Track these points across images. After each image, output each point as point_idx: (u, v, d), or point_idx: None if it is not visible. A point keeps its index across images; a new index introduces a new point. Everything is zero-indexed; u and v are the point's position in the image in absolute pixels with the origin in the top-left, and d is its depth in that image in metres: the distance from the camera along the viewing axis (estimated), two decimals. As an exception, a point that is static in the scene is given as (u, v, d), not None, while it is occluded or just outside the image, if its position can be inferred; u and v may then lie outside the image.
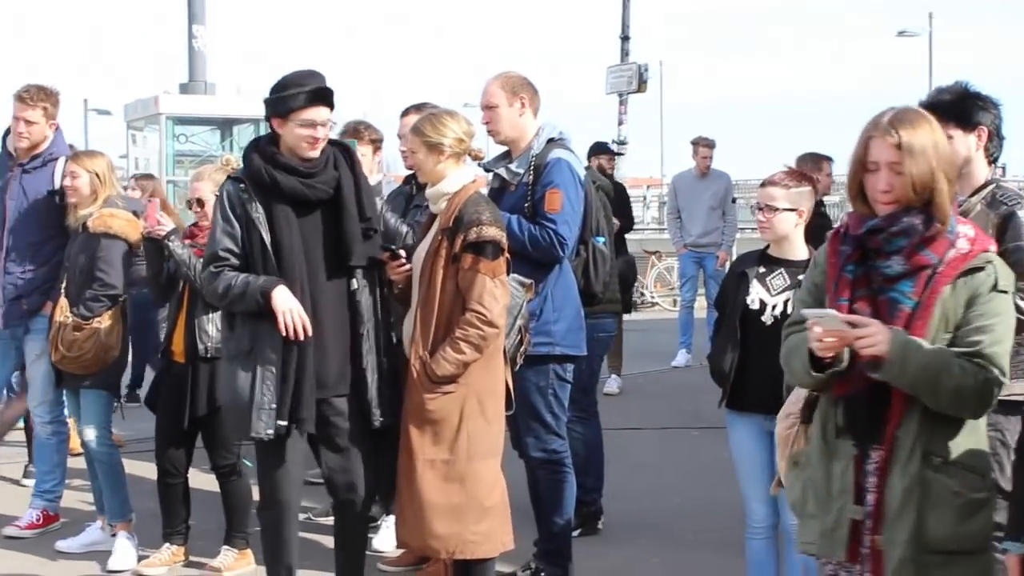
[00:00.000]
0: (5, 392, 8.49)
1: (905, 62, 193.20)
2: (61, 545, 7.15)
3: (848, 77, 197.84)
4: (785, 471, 4.14)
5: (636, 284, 22.47)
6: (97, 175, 6.99)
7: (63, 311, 6.85)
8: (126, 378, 8.20)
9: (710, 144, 13.81)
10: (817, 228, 5.54)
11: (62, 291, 6.95)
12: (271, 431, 5.30)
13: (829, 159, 9.22)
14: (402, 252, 5.41)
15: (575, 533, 6.83)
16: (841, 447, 3.83)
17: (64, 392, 7.22)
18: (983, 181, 4.84)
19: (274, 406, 5.29)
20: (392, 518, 6.57)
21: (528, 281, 5.70)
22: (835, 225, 4.19)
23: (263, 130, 23.87)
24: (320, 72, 5.48)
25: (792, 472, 4.05)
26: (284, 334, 5.23)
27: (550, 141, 6.18)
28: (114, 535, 7.00)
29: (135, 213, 7.00)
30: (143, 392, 9.47)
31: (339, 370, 5.44)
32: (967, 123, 4.79)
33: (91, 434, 6.98)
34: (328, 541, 6.08)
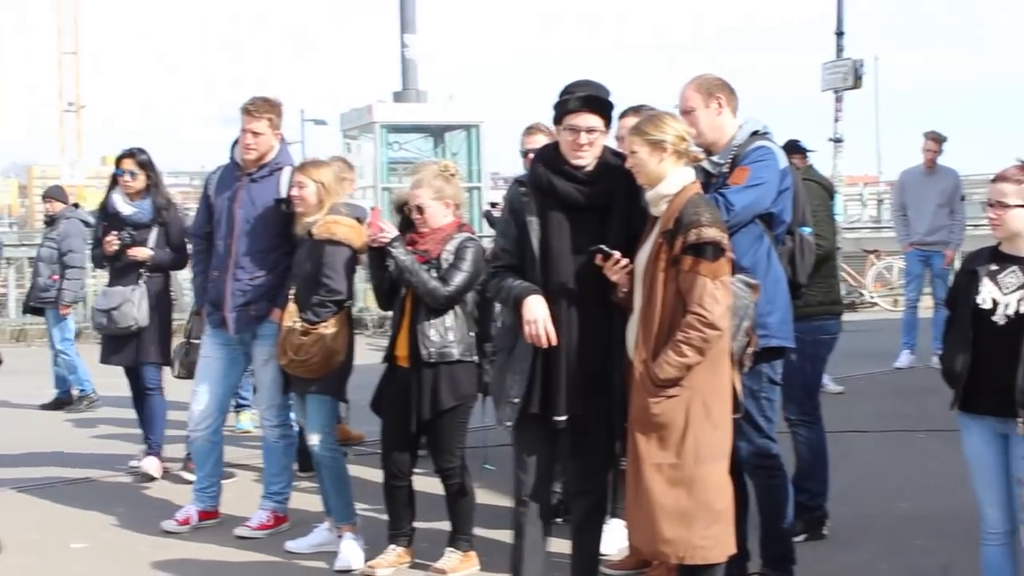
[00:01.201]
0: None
1: None
2: (290, 545, 7.30)
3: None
4: None
5: (855, 284, 22.15)
6: (323, 184, 7.13)
7: (291, 316, 7.01)
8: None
9: (937, 138, 13.41)
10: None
11: (290, 297, 7.11)
12: (510, 423, 5.54)
13: None
14: (615, 252, 5.38)
15: (801, 538, 6.72)
16: None
17: (291, 396, 7.37)
18: None
19: (516, 400, 5.50)
20: (615, 521, 6.58)
21: (755, 281, 5.60)
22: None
23: (475, 137, 24.42)
24: (596, 81, 5.64)
25: None
26: (527, 342, 5.42)
27: (753, 134, 6.09)
28: (340, 536, 7.11)
29: (359, 219, 7.12)
30: None
31: (594, 372, 5.52)
32: None
33: (317, 438, 7.11)
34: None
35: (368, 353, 8.68)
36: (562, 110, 5.58)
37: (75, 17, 72.33)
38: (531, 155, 6.59)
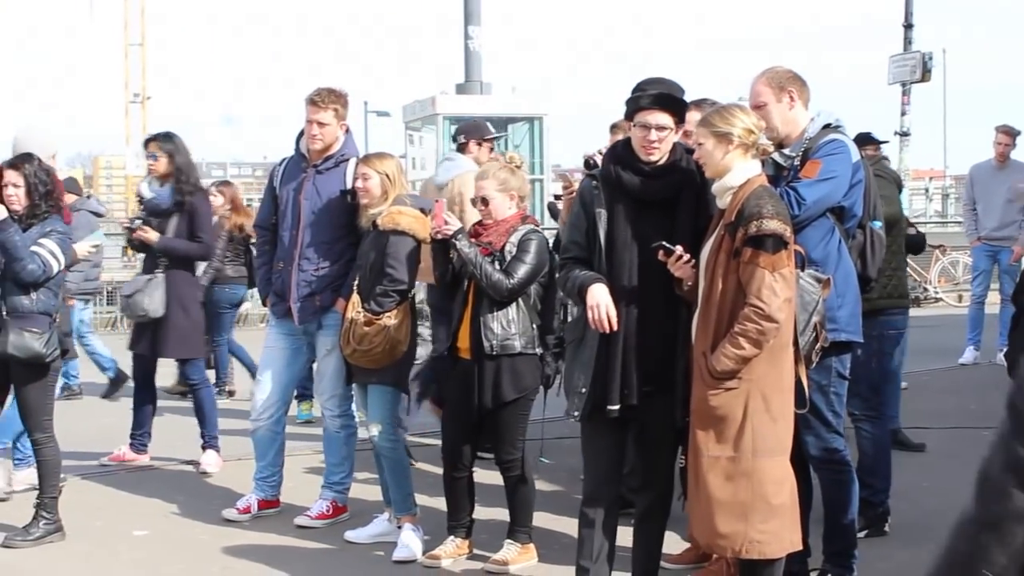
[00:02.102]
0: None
1: None
2: (350, 535, 7.33)
3: None
4: None
5: (920, 279, 21.97)
6: (387, 176, 7.14)
7: (355, 307, 7.03)
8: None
9: (1010, 132, 13.19)
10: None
11: (354, 287, 7.13)
12: (576, 413, 5.56)
13: None
14: (678, 248, 5.36)
15: (862, 534, 6.66)
16: None
17: (353, 387, 7.40)
18: None
19: (584, 390, 5.51)
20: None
21: (825, 276, 5.56)
22: None
23: (538, 129, 24.45)
24: (670, 79, 5.66)
25: None
26: (592, 327, 5.43)
27: (826, 127, 6.03)
28: (400, 527, 7.13)
29: (422, 211, 7.13)
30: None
31: (654, 365, 5.51)
32: None
33: (377, 429, 7.12)
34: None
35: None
36: (634, 107, 5.59)
37: (142, 9, 72.96)
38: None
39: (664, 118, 5.53)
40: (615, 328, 5.44)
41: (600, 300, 5.43)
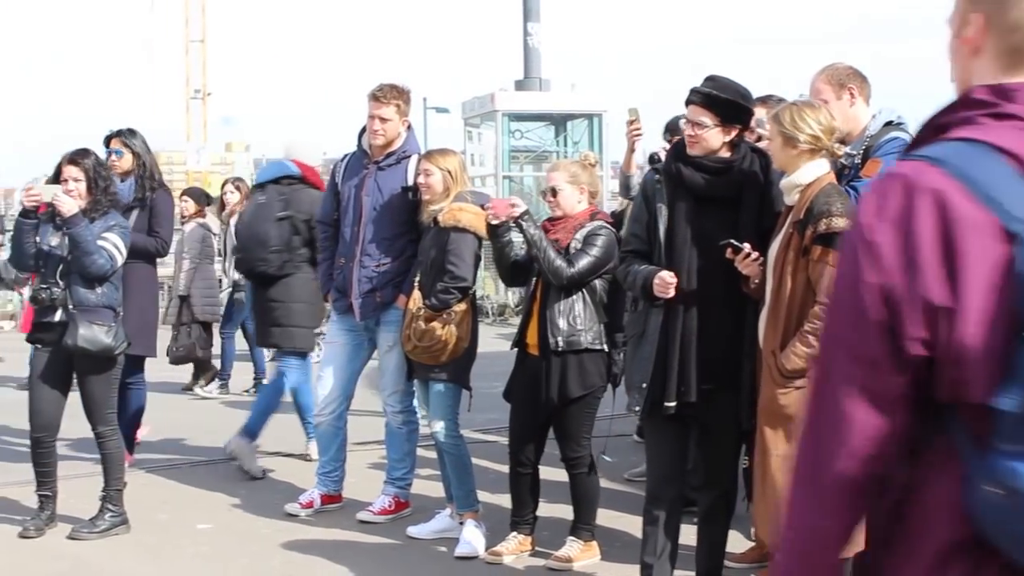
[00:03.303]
0: None
1: None
2: (412, 531, 7.34)
3: None
4: None
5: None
6: (449, 172, 7.14)
7: (416, 303, 7.04)
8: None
9: None
10: None
11: (415, 284, 7.14)
12: (638, 408, 5.57)
13: None
14: (745, 245, 5.33)
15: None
16: None
17: (415, 383, 7.41)
18: None
19: (644, 385, 5.50)
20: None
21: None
22: None
23: (597, 125, 24.27)
24: (725, 78, 5.65)
25: None
26: (657, 294, 5.45)
27: (887, 124, 5.98)
28: (462, 523, 7.13)
29: (483, 207, 7.13)
30: None
31: (715, 362, 5.49)
32: None
33: (438, 426, 7.13)
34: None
35: (491, 341, 8.69)
36: (685, 102, 5.61)
37: (202, 6, 73.39)
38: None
39: (702, 114, 5.52)
40: (671, 293, 5.43)
41: (664, 276, 5.43)
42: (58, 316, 7.18)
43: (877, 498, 2.17)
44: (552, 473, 7.22)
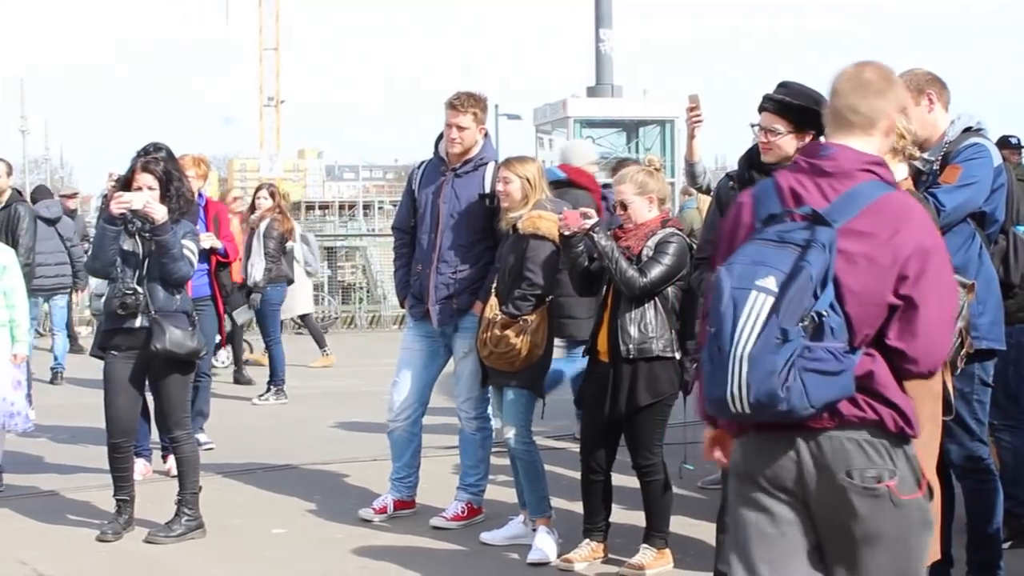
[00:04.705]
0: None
1: None
2: (485, 537, 7.35)
3: None
4: None
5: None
6: (528, 180, 7.15)
7: (492, 309, 7.05)
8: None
9: None
10: None
11: (492, 290, 7.15)
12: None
13: None
14: None
15: (1006, 545, 6.52)
16: None
17: (490, 389, 7.42)
18: None
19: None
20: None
21: (969, 281, 5.45)
22: None
23: (669, 132, 24.18)
24: (798, 84, 5.66)
25: None
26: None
27: (966, 130, 5.92)
28: (535, 530, 7.13)
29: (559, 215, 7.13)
30: None
31: None
32: None
33: (511, 432, 7.14)
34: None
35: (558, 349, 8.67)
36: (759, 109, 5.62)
37: (276, 14, 74.04)
38: None
39: (774, 121, 5.54)
40: None
41: None
42: (139, 322, 7.26)
43: None
44: (627, 480, 7.21)
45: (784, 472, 3.69)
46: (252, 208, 13.31)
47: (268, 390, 12.85)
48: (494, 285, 7.17)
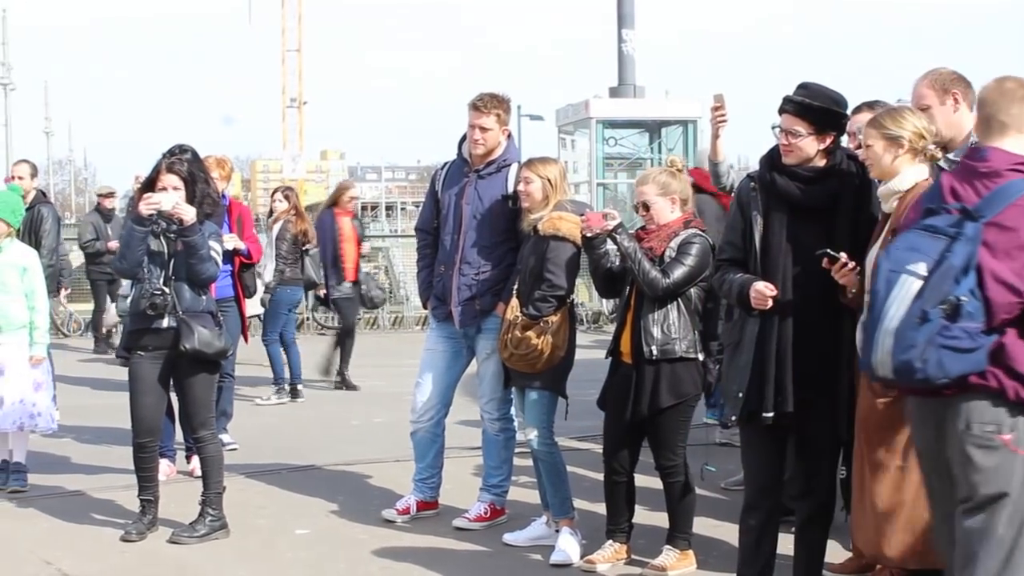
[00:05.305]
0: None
1: None
2: (508, 538, 7.35)
3: None
4: None
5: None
6: (549, 181, 7.15)
7: (514, 310, 7.06)
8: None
9: None
10: None
11: (514, 292, 7.16)
12: (734, 417, 5.59)
13: None
14: (842, 254, 5.28)
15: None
16: None
17: (512, 391, 7.43)
18: None
19: (740, 395, 5.49)
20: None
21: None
22: None
23: (691, 132, 24.22)
24: (819, 86, 5.62)
25: None
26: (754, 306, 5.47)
27: None
28: (557, 531, 7.13)
29: (582, 216, 7.13)
30: None
31: (812, 372, 5.46)
32: None
33: (533, 434, 7.13)
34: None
35: (585, 348, 8.68)
36: (779, 110, 5.60)
37: (299, 15, 74.15)
38: None
39: (795, 123, 5.51)
40: (770, 304, 5.43)
41: (759, 286, 5.43)
42: (167, 322, 7.30)
43: None
44: (650, 481, 7.20)
45: (927, 431, 4.49)
46: (269, 212, 13.45)
47: (281, 389, 12.95)
48: (516, 286, 7.18)
